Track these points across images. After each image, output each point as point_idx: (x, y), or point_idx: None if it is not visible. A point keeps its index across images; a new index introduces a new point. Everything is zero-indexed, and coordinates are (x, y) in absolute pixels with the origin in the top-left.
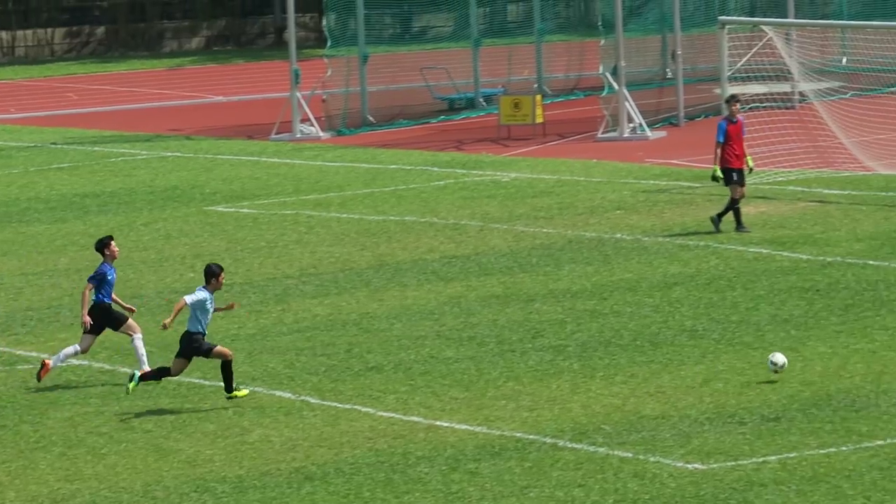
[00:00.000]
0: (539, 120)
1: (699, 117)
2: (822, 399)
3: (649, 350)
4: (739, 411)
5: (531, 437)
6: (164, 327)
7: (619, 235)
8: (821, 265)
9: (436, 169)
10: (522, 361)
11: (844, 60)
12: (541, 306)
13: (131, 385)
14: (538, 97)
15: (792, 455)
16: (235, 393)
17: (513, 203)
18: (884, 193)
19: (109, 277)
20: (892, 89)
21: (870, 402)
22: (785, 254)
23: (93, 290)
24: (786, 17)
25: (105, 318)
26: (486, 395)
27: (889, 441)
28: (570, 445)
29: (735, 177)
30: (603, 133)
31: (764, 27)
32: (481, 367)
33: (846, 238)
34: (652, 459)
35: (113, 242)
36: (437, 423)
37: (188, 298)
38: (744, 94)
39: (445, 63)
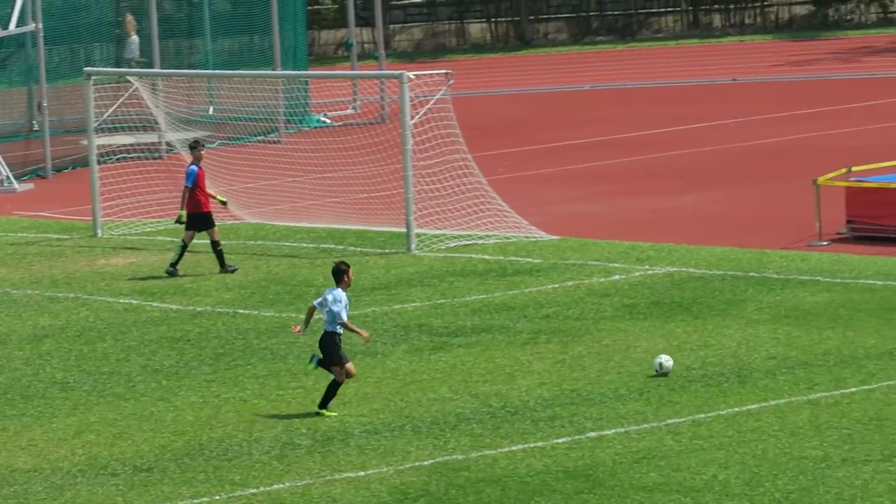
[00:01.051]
0: None
1: (67, 168)
2: (195, 449)
3: (20, 403)
4: (112, 462)
5: None
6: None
7: None
8: (191, 315)
9: None
10: None
11: (211, 110)
12: None
13: (310, 366)
14: None
15: None
16: (326, 412)
17: None
18: (252, 242)
19: None
20: (259, 138)
21: (242, 451)
22: (155, 304)
23: None
24: (152, 67)
25: None
26: None
27: (262, 489)
28: None
29: (201, 221)
30: None
31: (130, 78)
32: None
33: (216, 287)
34: None
35: None
36: None
37: (339, 308)
38: (111, 145)
39: None
